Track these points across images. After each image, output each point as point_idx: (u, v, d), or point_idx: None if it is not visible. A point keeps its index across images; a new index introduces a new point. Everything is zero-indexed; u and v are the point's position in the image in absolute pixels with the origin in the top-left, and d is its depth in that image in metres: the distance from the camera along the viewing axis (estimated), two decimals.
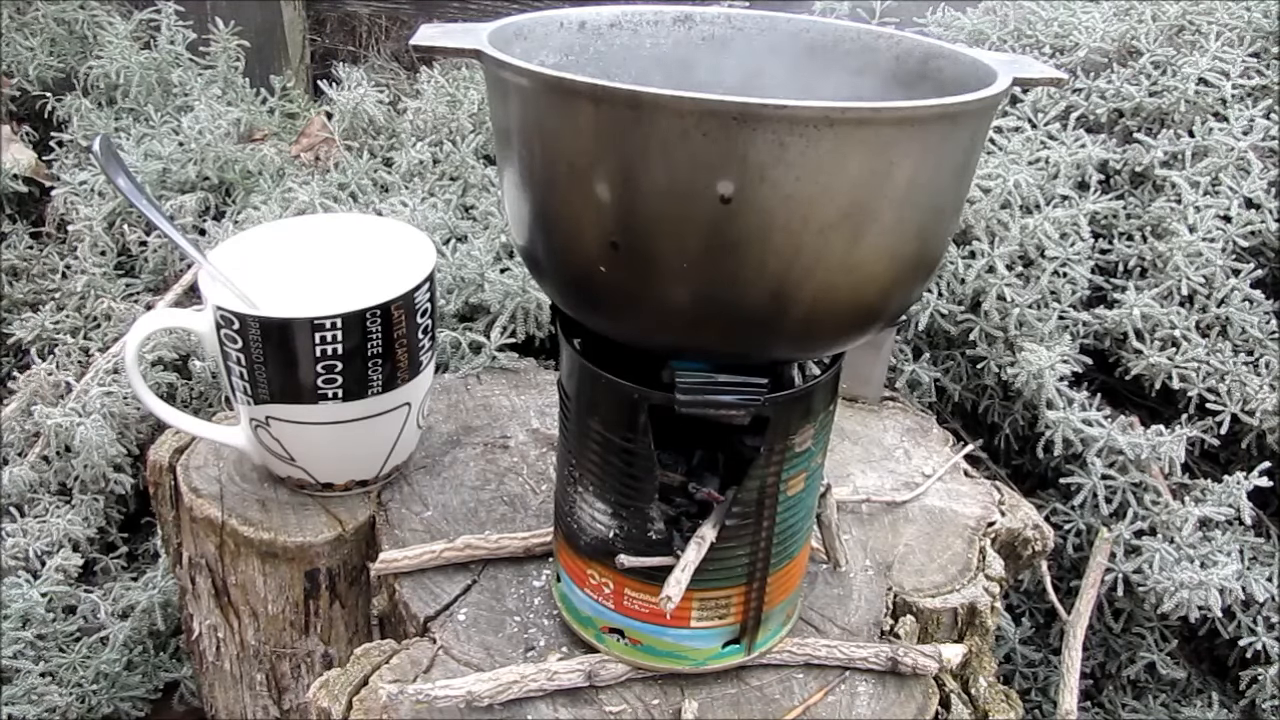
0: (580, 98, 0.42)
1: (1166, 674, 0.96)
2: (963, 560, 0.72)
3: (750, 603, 0.58)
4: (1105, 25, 1.16)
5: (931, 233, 0.48)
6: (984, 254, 0.97)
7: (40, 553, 1.00)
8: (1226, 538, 0.91)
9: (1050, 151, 1.03)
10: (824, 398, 0.55)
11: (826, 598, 0.67)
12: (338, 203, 1.13)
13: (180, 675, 1.00)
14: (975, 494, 0.79)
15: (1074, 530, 0.94)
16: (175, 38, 1.38)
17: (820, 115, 0.40)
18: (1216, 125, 1.02)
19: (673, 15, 0.60)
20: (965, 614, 0.68)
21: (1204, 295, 0.96)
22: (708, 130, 0.40)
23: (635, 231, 0.44)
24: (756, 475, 0.53)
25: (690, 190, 0.41)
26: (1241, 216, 0.96)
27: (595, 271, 0.46)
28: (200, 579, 0.75)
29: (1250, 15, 1.12)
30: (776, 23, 0.60)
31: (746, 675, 0.61)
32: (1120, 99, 1.09)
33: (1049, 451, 0.94)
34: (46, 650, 0.96)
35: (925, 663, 0.61)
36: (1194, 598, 0.86)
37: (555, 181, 0.46)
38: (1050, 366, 0.92)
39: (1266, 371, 0.94)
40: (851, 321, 0.49)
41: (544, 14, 0.55)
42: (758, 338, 0.48)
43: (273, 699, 0.78)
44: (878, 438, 0.86)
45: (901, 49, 0.57)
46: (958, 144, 0.45)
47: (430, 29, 0.48)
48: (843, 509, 0.75)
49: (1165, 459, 0.92)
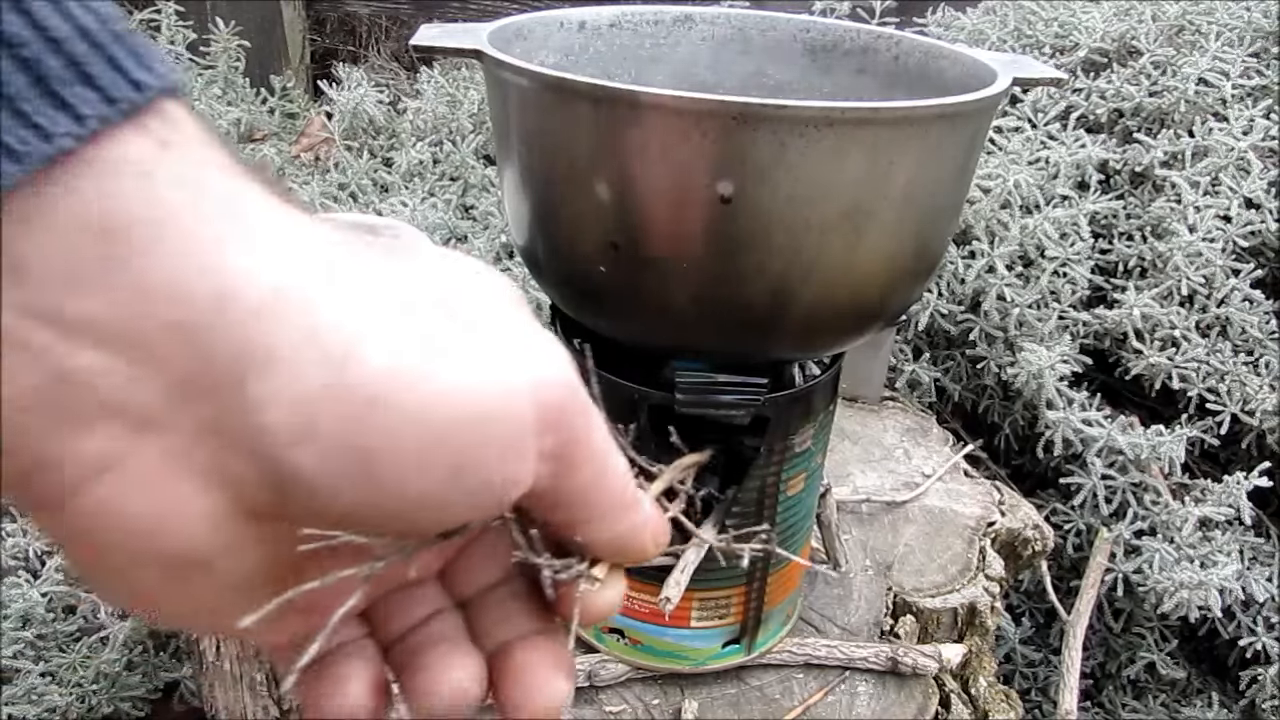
0: (580, 98, 0.42)
1: (1166, 674, 0.96)
2: (963, 560, 0.72)
3: (750, 603, 0.58)
4: (1105, 25, 1.16)
5: (931, 233, 0.48)
6: (984, 254, 0.97)
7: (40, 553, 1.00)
8: (1226, 538, 0.91)
9: (1050, 151, 1.03)
10: (824, 398, 0.54)
11: (826, 598, 0.67)
12: (338, 203, 1.13)
13: (180, 675, 1.00)
14: (975, 494, 0.79)
15: (1074, 530, 0.94)
16: (175, 38, 1.38)
17: (820, 115, 0.40)
18: (1216, 125, 1.02)
19: (673, 15, 0.60)
20: (965, 614, 0.68)
21: (1204, 295, 0.96)
22: (708, 130, 0.40)
23: (635, 231, 0.44)
24: (756, 475, 0.53)
25: (690, 190, 0.41)
26: (1241, 216, 0.96)
27: (595, 271, 0.46)
28: None
29: (1250, 15, 1.12)
30: (776, 23, 0.60)
31: (746, 675, 0.61)
32: (1120, 99, 1.09)
33: (1049, 451, 0.94)
34: (46, 650, 0.96)
35: (925, 663, 0.61)
36: (1194, 598, 0.86)
37: (555, 181, 0.46)
38: (1050, 366, 0.92)
39: (1266, 371, 0.94)
40: (851, 321, 0.49)
41: (544, 14, 0.55)
42: (758, 338, 0.48)
43: (273, 699, 0.78)
44: (878, 438, 0.86)
45: (901, 49, 0.57)
46: (957, 144, 0.45)
47: (430, 29, 0.48)
48: (843, 509, 0.75)
49: (1165, 459, 0.92)
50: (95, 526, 0.19)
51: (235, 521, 0.20)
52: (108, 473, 0.19)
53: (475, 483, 0.21)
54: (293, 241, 0.20)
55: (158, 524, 0.20)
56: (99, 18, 0.18)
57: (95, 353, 0.18)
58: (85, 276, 0.18)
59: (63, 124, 0.17)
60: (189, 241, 0.18)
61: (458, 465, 0.20)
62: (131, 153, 0.18)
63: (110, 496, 0.19)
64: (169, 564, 0.20)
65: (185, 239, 0.18)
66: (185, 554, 0.20)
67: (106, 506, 0.19)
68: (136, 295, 0.18)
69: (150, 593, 0.21)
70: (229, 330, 0.18)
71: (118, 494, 0.19)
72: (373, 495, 0.20)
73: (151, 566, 0.20)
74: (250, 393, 0.19)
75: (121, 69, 0.18)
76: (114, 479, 0.19)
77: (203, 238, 0.18)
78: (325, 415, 0.19)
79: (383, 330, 0.20)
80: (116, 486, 0.19)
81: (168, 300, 0.18)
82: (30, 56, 0.17)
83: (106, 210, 0.18)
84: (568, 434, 0.22)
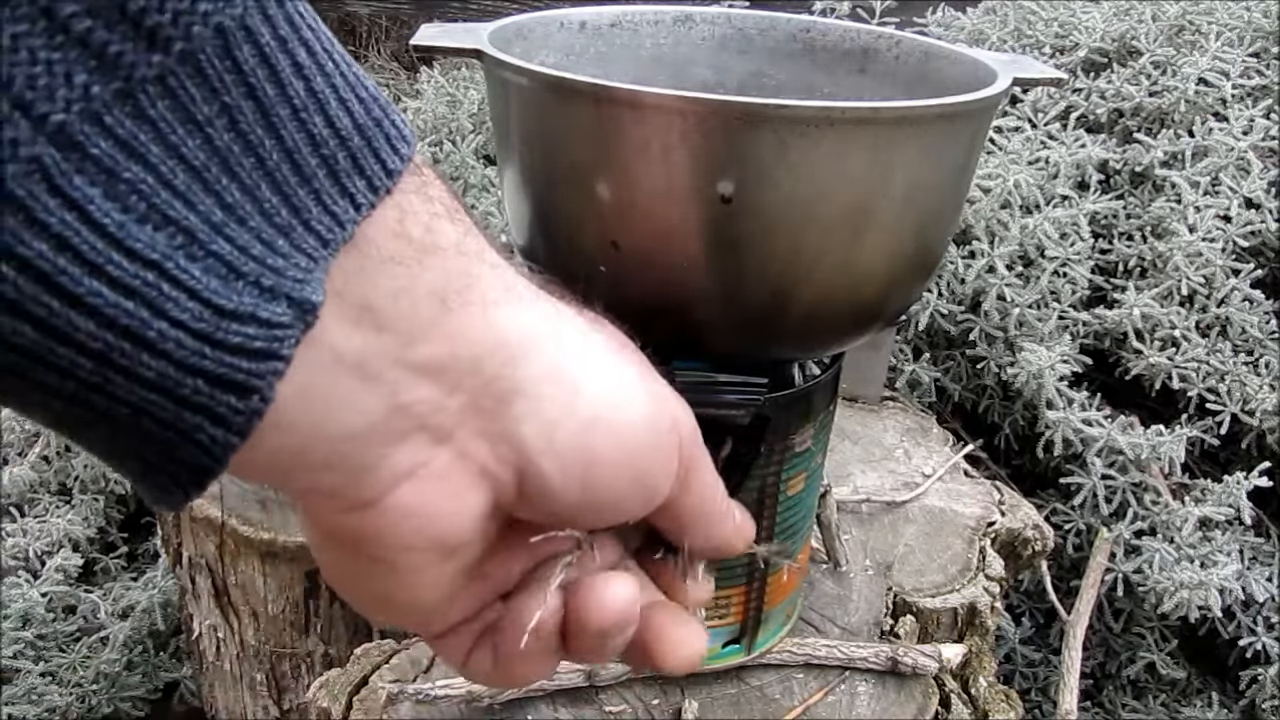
0: (580, 98, 0.41)
1: (1166, 674, 0.96)
2: (963, 560, 0.72)
3: (750, 603, 0.58)
4: (1105, 25, 1.16)
5: (931, 233, 0.48)
6: (984, 254, 0.96)
7: (40, 553, 1.00)
8: (1226, 538, 0.91)
9: (1050, 151, 1.03)
10: (824, 398, 0.54)
11: (826, 598, 0.67)
12: None
13: (180, 675, 1.00)
14: (975, 494, 0.79)
15: (1074, 530, 0.94)
16: None
17: (820, 115, 0.40)
18: (1216, 125, 1.02)
19: (673, 15, 0.60)
20: (965, 614, 0.68)
21: (1204, 295, 0.96)
22: (708, 130, 0.40)
23: (635, 231, 0.44)
24: (756, 475, 0.53)
25: (690, 190, 0.41)
26: (1241, 216, 0.96)
27: (595, 271, 0.46)
28: (200, 579, 0.75)
29: (1250, 15, 1.12)
30: (776, 22, 0.60)
31: (746, 675, 0.61)
32: (1120, 99, 1.09)
33: (1049, 451, 0.94)
34: (46, 650, 0.96)
35: (925, 663, 0.61)
36: (1194, 598, 0.86)
37: (555, 181, 0.46)
38: (1050, 366, 0.92)
39: (1266, 371, 0.94)
40: (851, 321, 0.49)
41: (544, 14, 0.55)
42: (758, 337, 0.48)
43: (273, 699, 0.78)
44: (878, 438, 0.86)
45: (901, 49, 0.57)
46: (957, 144, 0.45)
47: (430, 29, 0.48)
48: (843, 509, 0.75)
49: (1165, 459, 0.92)
50: (396, 518, 0.24)
51: (488, 516, 0.26)
52: (414, 475, 0.24)
53: (646, 489, 0.27)
54: (529, 299, 0.26)
55: (444, 513, 0.25)
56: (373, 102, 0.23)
57: (426, 386, 0.23)
58: (426, 329, 0.23)
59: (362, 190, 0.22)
60: (475, 302, 0.24)
61: (639, 474, 0.27)
62: (441, 227, 0.24)
63: (414, 492, 0.24)
64: (439, 547, 0.25)
65: (478, 299, 0.24)
66: (454, 539, 0.26)
67: (410, 500, 0.24)
68: (454, 343, 0.23)
69: (410, 577, 0.26)
70: (501, 367, 0.24)
71: (420, 490, 0.24)
72: (586, 495, 0.26)
73: (428, 551, 0.25)
74: (514, 412, 0.25)
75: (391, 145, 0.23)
76: (419, 479, 0.24)
77: (486, 299, 0.24)
78: (562, 431, 0.25)
79: (597, 370, 0.26)
80: (420, 485, 0.24)
81: (469, 343, 0.24)
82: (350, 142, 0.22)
83: (436, 281, 0.23)
84: (690, 462, 0.29)
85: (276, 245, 0.20)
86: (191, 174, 0.19)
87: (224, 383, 0.20)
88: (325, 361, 0.22)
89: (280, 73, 0.20)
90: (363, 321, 0.22)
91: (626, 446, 0.26)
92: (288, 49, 0.20)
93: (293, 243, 0.20)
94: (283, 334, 0.20)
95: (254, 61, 0.19)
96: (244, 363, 0.20)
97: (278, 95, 0.20)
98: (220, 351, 0.19)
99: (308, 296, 0.20)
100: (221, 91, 0.19)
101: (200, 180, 0.19)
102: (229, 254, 0.19)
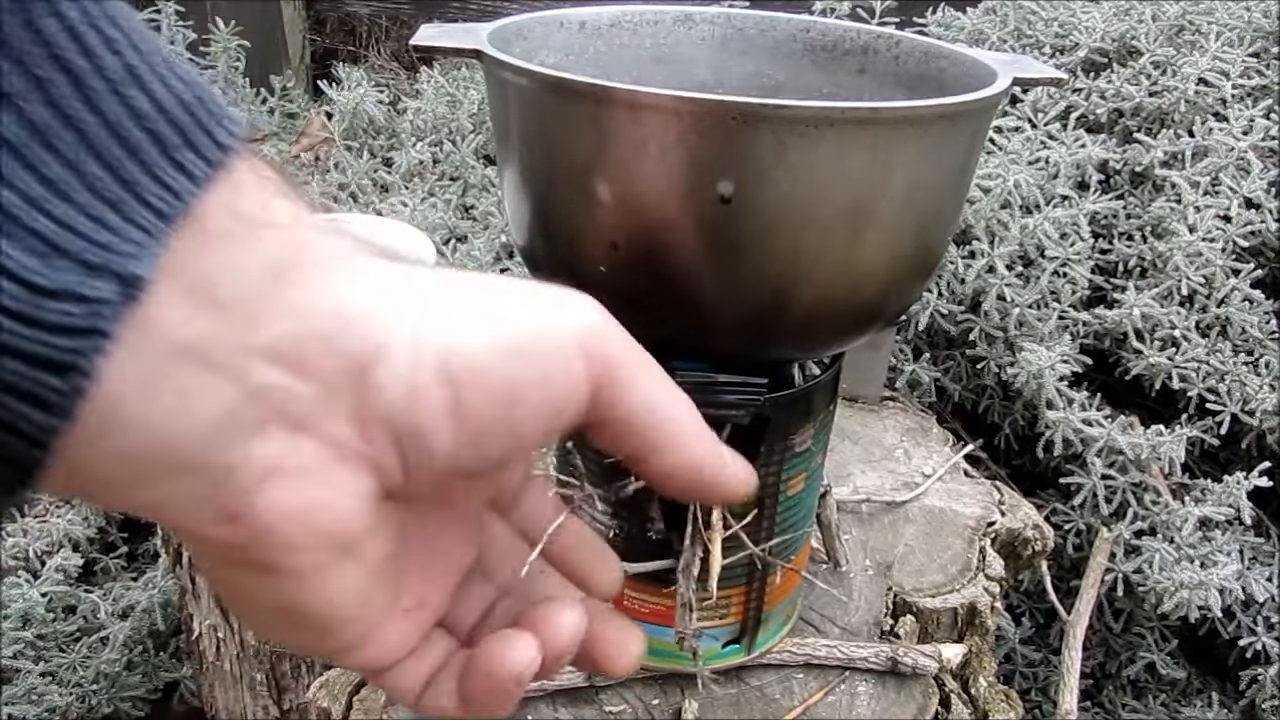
0: (580, 98, 0.41)
1: (1166, 674, 0.96)
2: (963, 560, 0.72)
3: (750, 603, 0.58)
4: (1105, 25, 1.16)
5: (931, 233, 0.48)
6: (984, 254, 0.97)
7: (40, 553, 1.00)
8: (1226, 538, 0.91)
9: (1050, 151, 1.03)
10: (824, 398, 0.54)
11: (826, 598, 0.67)
12: (338, 202, 1.13)
13: (180, 675, 1.00)
14: (975, 494, 0.79)
15: (1074, 530, 0.94)
16: (175, 37, 1.38)
17: (820, 115, 0.40)
18: (1216, 125, 1.02)
19: (673, 15, 0.60)
20: (965, 614, 0.68)
21: (1204, 295, 0.96)
22: (708, 130, 0.40)
23: (635, 231, 0.44)
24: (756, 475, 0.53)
25: (690, 190, 0.41)
26: (1241, 216, 0.96)
27: (595, 271, 0.46)
28: (200, 579, 0.75)
29: (1250, 15, 1.12)
30: (776, 22, 0.60)
31: (746, 675, 0.61)
32: (1120, 99, 1.09)
33: (1049, 451, 0.94)
34: (46, 650, 0.96)
35: (925, 663, 0.61)
36: (1194, 598, 0.86)
37: (555, 181, 0.46)
38: (1050, 366, 0.92)
39: (1266, 371, 0.94)
40: (851, 321, 0.49)
41: (544, 14, 0.55)
42: (758, 337, 0.48)
43: (273, 699, 0.78)
44: (878, 438, 0.86)
45: (901, 49, 0.57)
46: (957, 144, 0.45)
47: (430, 29, 0.48)
48: (843, 509, 0.75)
49: (1165, 459, 0.92)
50: (273, 521, 0.23)
51: (378, 503, 0.24)
52: (281, 471, 0.23)
53: (536, 403, 0.25)
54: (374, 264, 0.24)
55: (323, 506, 0.23)
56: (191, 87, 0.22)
57: (276, 371, 0.22)
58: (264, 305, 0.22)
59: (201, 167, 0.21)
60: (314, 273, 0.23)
61: (520, 389, 0.24)
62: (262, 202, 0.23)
63: (285, 489, 0.23)
64: (332, 545, 0.24)
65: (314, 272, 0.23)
66: (344, 533, 0.24)
67: (281, 499, 0.23)
68: (298, 320, 0.22)
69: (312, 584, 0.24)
70: (349, 341, 0.23)
71: (290, 487, 0.23)
72: (466, 431, 0.24)
73: (321, 551, 0.24)
74: (372, 379, 0.23)
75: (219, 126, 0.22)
76: (287, 475, 0.23)
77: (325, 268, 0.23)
78: (423, 376, 0.23)
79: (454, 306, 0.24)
80: (289, 481, 0.23)
81: (312, 318, 0.23)
82: (151, 127, 0.21)
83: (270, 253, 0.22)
84: (618, 368, 0.26)
85: (106, 219, 0.20)
86: (7, 149, 0.19)
87: (43, 362, 0.19)
88: (163, 350, 0.21)
89: (90, 47, 0.20)
90: (201, 303, 0.21)
91: (496, 367, 0.24)
92: (94, 24, 0.20)
93: (124, 215, 0.20)
94: (106, 310, 0.19)
95: (62, 36, 0.19)
96: (64, 341, 0.19)
97: (90, 68, 0.20)
98: (39, 330, 0.19)
99: (132, 270, 0.20)
100: (30, 64, 0.19)
101: (17, 155, 0.19)
102: (50, 231, 0.19)
